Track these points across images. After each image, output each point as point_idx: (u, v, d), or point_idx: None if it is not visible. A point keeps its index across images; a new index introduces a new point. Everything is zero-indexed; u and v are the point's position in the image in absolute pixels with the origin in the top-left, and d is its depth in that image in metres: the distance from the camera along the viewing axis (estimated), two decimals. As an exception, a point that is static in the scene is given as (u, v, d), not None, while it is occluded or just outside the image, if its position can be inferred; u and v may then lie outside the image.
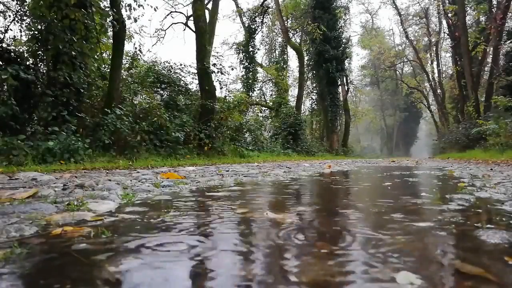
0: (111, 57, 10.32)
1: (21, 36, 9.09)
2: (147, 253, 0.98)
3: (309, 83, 32.14)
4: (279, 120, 22.96)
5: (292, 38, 28.86)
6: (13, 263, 0.89)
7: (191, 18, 18.90)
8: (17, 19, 8.67)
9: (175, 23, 25.49)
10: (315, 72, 28.83)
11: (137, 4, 9.60)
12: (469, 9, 24.01)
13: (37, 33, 7.91)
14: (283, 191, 2.78)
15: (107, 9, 9.14)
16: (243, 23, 29.08)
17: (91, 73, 9.22)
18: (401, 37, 46.09)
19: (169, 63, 14.86)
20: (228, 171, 5.40)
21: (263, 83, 31.19)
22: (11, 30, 8.72)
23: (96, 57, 9.89)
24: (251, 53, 28.10)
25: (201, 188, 2.87)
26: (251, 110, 25.59)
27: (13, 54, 7.70)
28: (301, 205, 1.95)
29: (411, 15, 35.87)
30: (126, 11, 9.50)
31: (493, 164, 8.25)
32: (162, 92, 14.19)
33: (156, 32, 24.12)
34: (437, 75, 36.43)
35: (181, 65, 14.86)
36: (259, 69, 29.80)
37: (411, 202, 2.04)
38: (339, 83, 29.79)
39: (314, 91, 32.01)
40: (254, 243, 1.10)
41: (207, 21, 14.96)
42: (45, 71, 8.15)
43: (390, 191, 2.83)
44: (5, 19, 8.84)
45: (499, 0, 20.31)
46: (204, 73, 12.73)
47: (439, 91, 35.04)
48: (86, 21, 8.01)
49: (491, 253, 0.99)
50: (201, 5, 13.64)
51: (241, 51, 27.97)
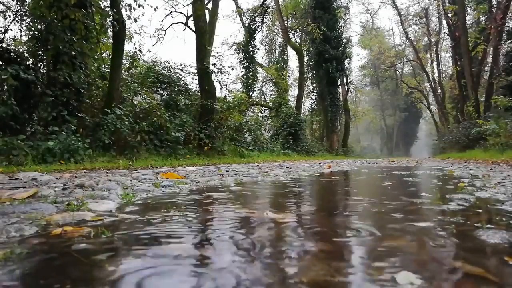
0: (111, 57, 10.32)
1: (21, 36, 9.10)
2: (147, 253, 0.98)
3: (309, 83, 32.14)
4: (279, 120, 22.95)
5: (292, 38, 28.86)
6: (13, 263, 0.89)
7: (191, 18, 18.90)
8: (17, 19, 8.67)
9: (175, 23, 25.54)
10: (315, 72, 28.83)
11: (137, 4, 9.61)
12: (469, 9, 24.01)
13: (37, 33, 7.91)
14: (283, 191, 2.78)
15: (107, 9, 9.14)
16: (243, 23, 29.10)
17: (91, 73, 9.22)
18: (401, 37, 46.17)
19: (169, 63, 14.88)
20: (228, 171, 5.40)
21: (263, 83, 31.20)
22: (11, 30, 8.72)
23: (96, 57, 9.89)
24: (251, 53, 28.11)
25: (201, 188, 2.87)
26: (251, 110, 25.59)
27: (13, 54, 7.69)
28: (301, 205, 1.95)
29: (411, 15, 35.91)
30: (126, 11, 9.52)
31: (493, 164, 8.25)
32: (162, 92, 14.19)
33: (156, 32, 24.15)
34: (437, 75, 36.46)
35: (181, 65, 14.89)
36: (259, 69, 29.81)
37: (411, 202, 2.04)
38: (339, 83, 29.79)
39: (314, 91, 32.00)
40: (254, 243, 1.10)
41: (207, 21, 14.95)
42: (45, 71, 8.15)
43: (390, 191, 2.82)
44: (5, 19, 8.85)
45: (499, 0, 20.31)
46: (204, 73, 12.73)
47: (439, 91, 35.03)
48: (86, 21, 8.01)
49: (491, 253, 0.99)
50: (201, 5, 13.64)
51: (241, 51, 27.99)
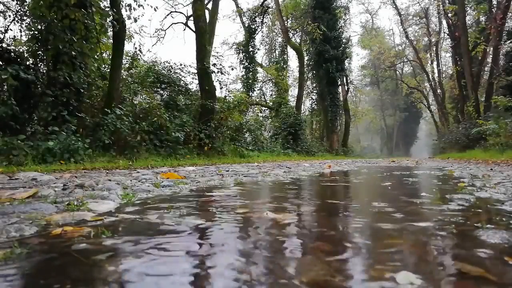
0: (111, 57, 10.32)
1: (21, 36, 9.10)
2: (147, 253, 0.98)
3: (309, 83, 32.14)
4: (279, 120, 22.95)
5: (292, 38, 28.86)
6: (13, 263, 0.89)
7: (191, 18, 18.90)
8: (17, 19, 8.67)
9: (175, 23, 25.54)
10: (315, 72, 28.83)
11: (137, 4, 9.61)
12: (469, 9, 24.00)
13: (37, 33, 7.91)
14: (283, 191, 2.78)
15: (107, 9, 9.13)
16: (243, 23, 29.10)
17: (91, 73, 9.22)
18: (401, 37, 46.17)
19: (169, 63, 14.88)
20: (228, 171, 5.40)
21: (263, 83, 31.20)
22: (11, 30, 8.73)
23: (96, 57, 9.88)
24: (251, 53, 28.11)
25: (201, 188, 2.87)
26: (251, 110, 25.59)
27: (13, 54, 7.69)
28: (301, 205, 1.95)
29: (411, 15, 35.89)
30: (126, 11, 9.52)
31: (493, 164, 8.24)
32: (162, 92, 14.19)
33: (156, 32, 24.15)
34: (437, 75, 36.45)
35: (181, 65, 14.89)
36: (259, 69, 29.81)
37: (411, 202, 2.04)
38: (339, 83, 29.79)
39: (314, 91, 32.00)
40: (254, 242, 1.10)
41: (207, 21, 14.95)
42: (45, 71, 8.14)
43: (390, 191, 2.83)
44: (5, 19, 8.84)
45: (499, 0, 20.31)
46: (204, 73, 12.73)
47: (439, 91, 35.02)
48: (86, 21, 8.01)
49: (491, 253, 0.99)
50: (201, 5, 13.64)
51: (241, 51, 27.98)
